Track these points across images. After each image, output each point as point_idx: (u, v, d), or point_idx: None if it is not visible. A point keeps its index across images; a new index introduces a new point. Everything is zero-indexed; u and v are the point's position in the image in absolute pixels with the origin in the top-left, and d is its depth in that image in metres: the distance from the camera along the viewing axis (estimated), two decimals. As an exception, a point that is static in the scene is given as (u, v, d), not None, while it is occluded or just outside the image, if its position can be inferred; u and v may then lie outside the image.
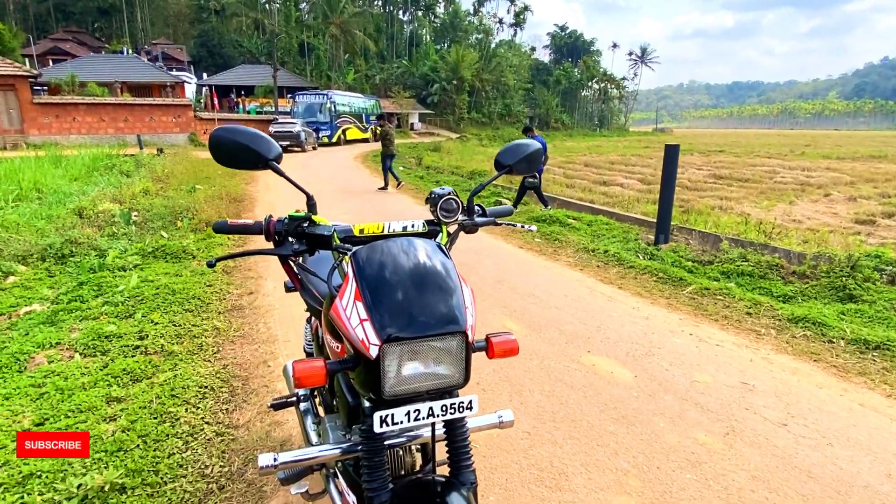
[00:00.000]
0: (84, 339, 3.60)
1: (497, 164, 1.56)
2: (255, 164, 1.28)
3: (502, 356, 1.29)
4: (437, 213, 1.40)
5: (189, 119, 23.85)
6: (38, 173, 11.62)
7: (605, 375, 3.15)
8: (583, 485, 2.19)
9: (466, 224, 1.50)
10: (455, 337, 1.11)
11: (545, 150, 9.71)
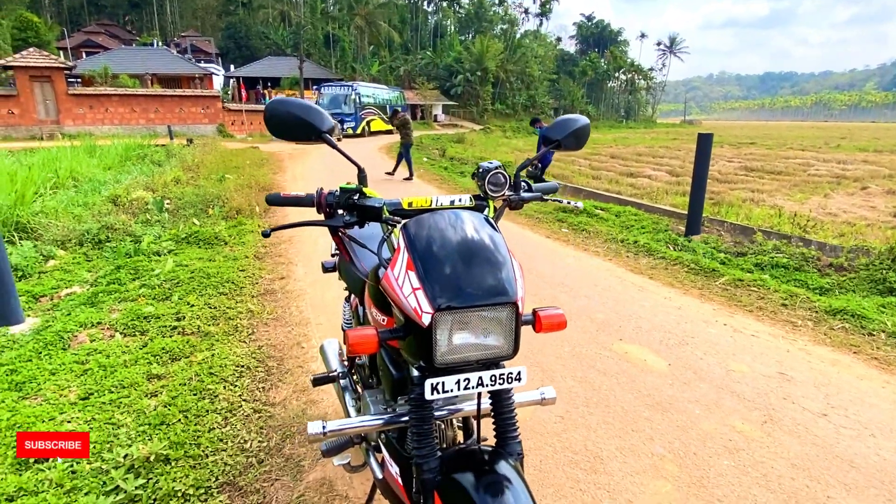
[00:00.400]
0: (124, 320, 3.70)
1: (545, 140, 1.55)
2: (309, 135, 1.29)
3: (550, 330, 1.29)
4: (484, 186, 1.39)
5: (217, 110, 24.22)
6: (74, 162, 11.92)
7: (638, 363, 3.12)
8: (618, 468, 2.18)
9: (513, 199, 1.50)
10: (505, 308, 1.11)
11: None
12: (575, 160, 20.19)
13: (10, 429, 2.42)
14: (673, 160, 18.70)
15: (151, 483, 2.04)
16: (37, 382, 2.90)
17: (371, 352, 1.14)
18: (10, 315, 3.81)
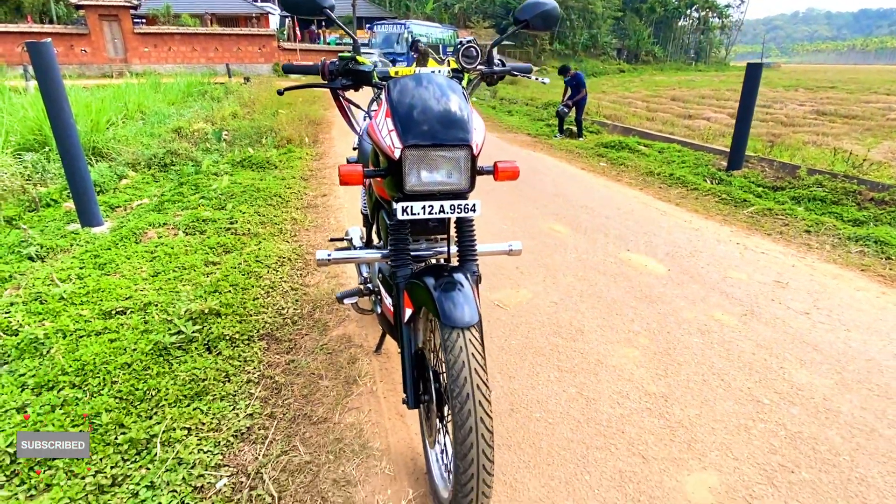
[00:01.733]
0: (185, 222, 4.22)
1: (515, 20, 1.77)
2: (313, 10, 1.57)
3: (505, 179, 1.57)
4: (458, 59, 1.65)
5: (273, 49, 24.63)
6: (141, 97, 12.66)
7: (638, 268, 3.34)
8: (595, 338, 2.48)
9: (485, 72, 1.75)
10: (462, 149, 1.40)
11: (584, 85, 9.48)
12: (632, 102, 19.49)
13: (95, 291, 2.97)
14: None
15: (205, 329, 2.51)
16: (115, 264, 3.45)
17: (357, 183, 1.46)
18: (91, 218, 4.39)
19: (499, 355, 2.37)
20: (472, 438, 1.19)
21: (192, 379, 2.17)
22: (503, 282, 3.15)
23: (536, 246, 3.71)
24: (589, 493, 1.61)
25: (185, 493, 1.64)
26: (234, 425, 1.94)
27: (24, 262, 3.62)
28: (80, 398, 2.07)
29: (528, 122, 11.83)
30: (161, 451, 1.80)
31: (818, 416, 1.93)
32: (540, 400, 2.05)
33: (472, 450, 1.19)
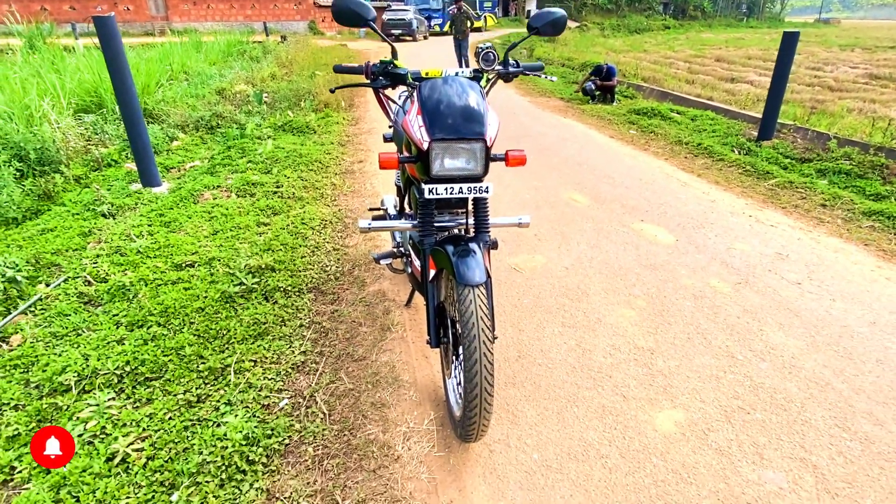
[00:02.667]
0: (237, 185, 4.66)
1: (528, 27, 2.05)
2: (358, 22, 1.89)
3: (515, 165, 1.89)
4: (478, 62, 1.95)
5: (309, 6, 24.66)
6: (184, 57, 13.08)
7: (648, 237, 3.62)
8: (598, 300, 2.82)
9: (501, 73, 2.05)
10: (478, 142, 1.73)
11: (614, 74, 9.46)
12: (674, 62, 18.94)
13: (165, 247, 3.44)
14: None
15: (262, 282, 2.95)
16: (179, 223, 3.92)
17: (393, 167, 1.81)
18: (151, 179, 4.87)
19: (512, 312, 2.74)
20: (476, 368, 1.56)
21: (254, 322, 2.62)
22: (521, 248, 3.49)
23: (555, 215, 4.01)
24: (574, 422, 1.99)
25: (256, 408, 2.09)
26: (291, 360, 2.38)
27: (100, 219, 4.12)
28: (166, 334, 2.54)
29: (563, 85, 11.80)
30: (234, 378, 2.25)
31: (783, 371, 2.25)
32: (543, 349, 2.42)
33: (477, 376, 1.57)
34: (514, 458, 1.83)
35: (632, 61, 18.22)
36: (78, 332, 2.61)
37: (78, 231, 3.84)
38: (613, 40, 30.35)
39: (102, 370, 2.28)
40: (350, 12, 1.85)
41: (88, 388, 2.21)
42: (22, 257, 3.23)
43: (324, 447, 1.90)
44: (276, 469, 1.81)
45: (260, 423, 2.00)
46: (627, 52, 23.50)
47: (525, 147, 6.00)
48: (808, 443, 1.87)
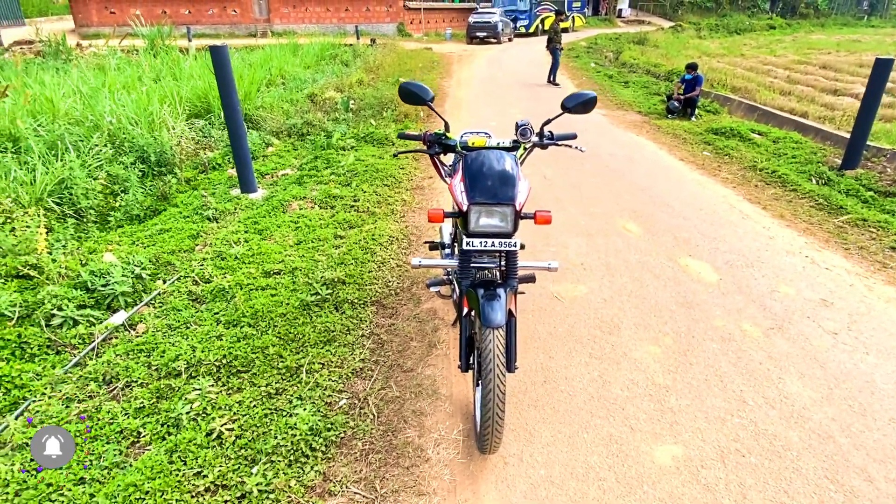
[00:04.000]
0: (320, 197, 5.25)
1: (562, 106, 2.35)
2: (422, 101, 2.29)
3: (542, 223, 2.22)
4: (516, 135, 2.29)
5: (399, 9, 25.59)
6: (282, 61, 14.17)
7: (692, 275, 3.78)
8: (628, 335, 3.06)
9: (537, 143, 2.38)
10: (508, 207, 2.07)
11: (700, 85, 9.26)
12: (772, 69, 17.96)
13: (258, 254, 4.04)
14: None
15: (334, 293, 3.45)
16: (269, 231, 4.53)
17: (439, 221, 2.19)
18: (249, 185, 5.57)
19: (546, 339, 3.05)
20: (490, 397, 1.93)
21: (325, 329, 3.11)
22: (567, 277, 3.77)
23: (605, 245, 4.24)
24: (582, 446, 2.30)
25: (321, 405, 2.56)
26: (352, 365, 2.84)
27: (205, 223, 4.83)
28: (255, 334, 3.09)
29: (643, 97, 11.67)
30: (305, 377, 2.74)
31: (789, 420, 2.42)
32: (568, 377, 2.73)
33: (490, 403, 1.93)
34: (524, 472, 2.17)
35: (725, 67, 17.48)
36: (187, 326, 3.22)
37: (188, 233, 4.54)
38: (709, 42, 29.01)
39: (205, 360, 2.85)
40: (412, 94, 2.27)
41: (195, 374, 2.78)
42: (146, 256, 3.93)
43: (370, 443, 2.33)
44: (331, 457, 2.27)
45: (323, 417, 2.47)
46: (722, 56, 22.46)
47: (590, 169, 6.20)
48: (792, 489, 2.06)
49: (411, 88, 2.29)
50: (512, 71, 15.28)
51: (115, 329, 3.20)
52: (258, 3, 24.59)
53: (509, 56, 19.37)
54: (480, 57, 18.78)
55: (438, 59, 17.56)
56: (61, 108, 6.60)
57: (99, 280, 3.49)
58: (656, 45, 24.38)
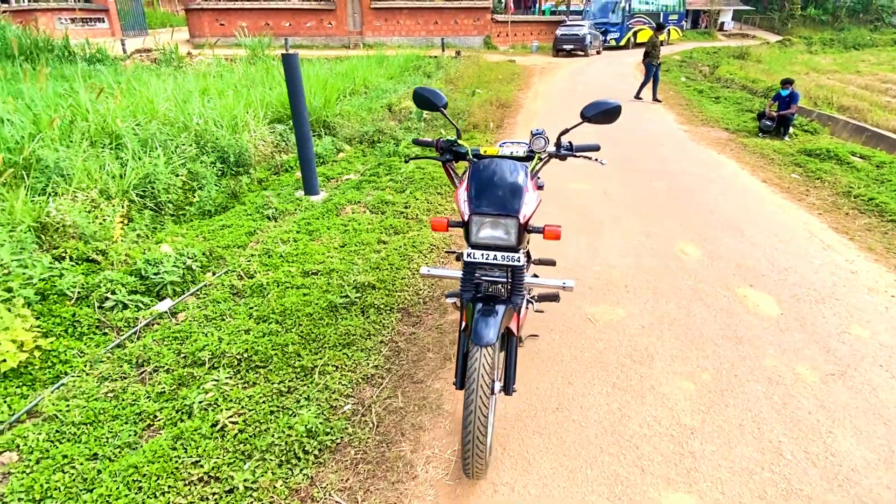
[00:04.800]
0: (373, 202, 5.32)
1: (581, 115, 2.20)
2: (435, 107, 2.24)
3: (551, 238, 2.09)
4: (530, 145, 2.17)
5: (486, 22, 25.78)
6: (367, 72, 14.67)
7: (749, 307, 3.42)
8: (661, 367, 2.81)
9: (554, 154, 2.23)
10: (511, 219, 1.96)
11: (797, 101, 8.51)
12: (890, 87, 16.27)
13: (302, 254, 4.14)
14: None
15: (363, 297, 3.46)
16: (319, 232, 4.65)
17: (442, 230, 2.12)
18: (311, 188, 5.76)
19: (569, 363, 2.87)
20: (470, 419, 1.81)
21: (346, 332, 3.12)
22: (606, 297, 3.54)
23: (656, 267, 3.95)
24: (583, 483, 2.11)
25: (325, 408, 2.55)
26: (364, 371, 2.82)
27: (264, 221, 5.04)
28: (279, 332, 3.16)
29: (734, 114, 10.91)
30: (318, 378, 2.75)
31: (831, 482, 2.09)
32: (584, 406, 2.54)
33: (470, 426, 1.82)
34: (513, 503, 2.03)
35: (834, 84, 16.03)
36: (223, 318, 3.36)
37: (246, 230, 4.76)
38: (820, 57, 26.86)
39: (228, 353, 2.94)
40: (425, 99, 2.23)
41: (217, 365, 2.88)
42: (201, 249, 4.15)
43: (363, 453, 2.29)
44: (322, 462, 2.25)
45: (324, 420, 2.46)
46: (833, 72, 20.64)
47: (658, 187, 5.84)
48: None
49: (425, 94, 2.25)
50: (594, 84, 14.87)
51: (158, 316, 3.39)
52: (352, 16, 25.73)
53: (594, 69, 18.88)
54: (563, 69, 18.46)
55: (520, 71, 17.46)
56: (159, 109, 7.19)
57: (152, 269, 3.73)
58: (759, 59, 22.86)
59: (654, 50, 11.95)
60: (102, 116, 6.40)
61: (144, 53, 19.02)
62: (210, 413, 2.50)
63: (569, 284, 2.36)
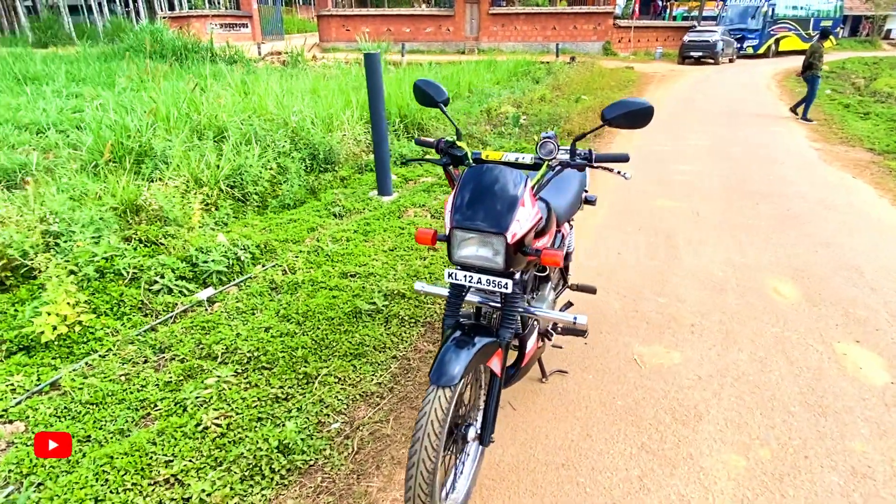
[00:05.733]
0: (437, 206, 5.14)
1: (601, 117, 1.80)
2: (433, 103, 1.98)
3: (548, 263, 1.73)
4: (538, 150, 1.82)
5: (607, 27, 24.66)
6: (473, 76, 14.59)
7: (847, 369, 2.72)
8: (708, 432, 2.28)
9: (566, 163, 1.85)
10: (497, 237, 1.64)
11: None
12: None
13: (348, 254, 4.05)
14: None
15: (389, 306, 3.26)
16: (374, 233, 4.54)
17: (428, 243, 1.84)
18: (385, 188, 5.71)
19: (594, 409, 2.44)
20: (412, 472, 1.53)
21: (360, 342, 2.94)
22: (663, 336, 3.02)
23: (736, 306, 3.32)
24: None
25: (313, 422, 2.38)
26: (365, 387, 2.61)
27: (329, 218, 5.04)
28: (296, 333, 3.05)
29: (885, 132, 9.31)
30: (317, 388, 2.59)
31: None
32: (597, 468, 2.11)
33: (411, 480, 1.53)
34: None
35: None
36: (252, 312, 3.33)
37: (309, 226, 4.78)
38: None
39: (240, 349, 2.88)
40: (424, 93, 1.97)
41: (227, 360, 2.83)
42: (256, 242, 4.21)
43: (330, 481, 2.08)
44: (287, 484, 2.07)
45: (306, 437, 2.28)
46: None
47: (762, 211, 5.02)
48: None
49: (424, 87, 1.99)
50: (717, 95, 13.50)
51: (196, 304, 3.45)
52: (470, 22, 25.92)
53: (722, 78, 17.23)
54: (686, 78, 17.06)
55: (636, 79, 16.42)
56: (268, 106, 7.58)
57: (202, 257, 3.82)
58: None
59: (817, 61, 10.34)
60: (214, 111, 6.88)
61: (275, 56, 20.58)
62: (200, 411, 2.43)
63: (581, 321, 1.97)
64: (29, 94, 9.56)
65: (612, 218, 4.95)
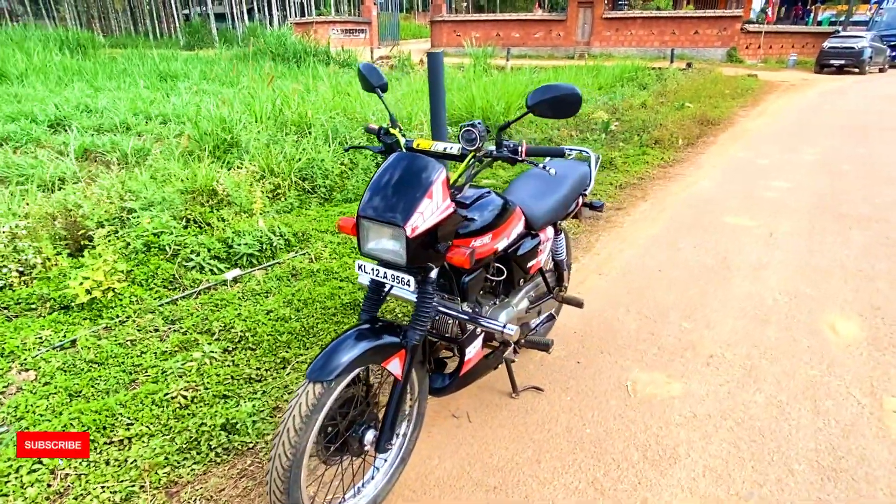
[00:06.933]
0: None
1: (525, 103, 1.60)
2: (371, 88, 1.89)
3: (456, 264, 1.59)
4: (460, 139, 1.66)
5: (734, 32, 22.67)
6: (574, 81, 14.09)
7: (892, 429, 2.20)
8: (679, 479, 1.95)
9: (493, 156, 1.67)
10: (396, 229, 1.53)
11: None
12: None
13: (373, 249, 4.07)
14: None
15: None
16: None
17: (349, 233, 1.76)
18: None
19: (555, 437, 2.20)
20: (272, 454, 1.47)
21: (346, 335, 2.92)
22: (671, 364, 2.66)
23: (775, 341, 2.84)
24: None
25: (270, 407, 2.40)
26: (333, 379, 2.58)
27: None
28: (290, 319, 3.11)
29: None
30: (288, 374, 2.62)
31: None
32: (530, 498, 1.89)
33: (270, 462, 1.46)
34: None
35: None
36: (266, 295, 3.46)
37: (352, 218, 4.89)
38: None
39: (234, 328, 2.99)
40: (364, 77, 1.90)
41: (219, 338, 2.95)
42: (292, 230, 4.36)
43: (257, 465, 2.07)
44: (218, 462, 2.09)
45: (255, 421, 2.30)
46: None
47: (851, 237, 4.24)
48: None
49: (364, 72, 1.91)
50: (850, 109, 11.75)
51: (221, 283, 3.65)
52: (582, 26, 25.19)
53: (862, 89, 15.09)
54: (817, 87, 15.20)
55: (756, 87, 14.92)
56: (355, 106, 7.93)
57: (237, 239, 4.04)
58: None
59: None
60: (304, 109, 7.31)
61: (385, 60, 21.47)
62: (173, 382, 2.54)
63: (509, 331, 1.79)
64: (164, 90, 10.83)
65: (669, 232, 4.51)
